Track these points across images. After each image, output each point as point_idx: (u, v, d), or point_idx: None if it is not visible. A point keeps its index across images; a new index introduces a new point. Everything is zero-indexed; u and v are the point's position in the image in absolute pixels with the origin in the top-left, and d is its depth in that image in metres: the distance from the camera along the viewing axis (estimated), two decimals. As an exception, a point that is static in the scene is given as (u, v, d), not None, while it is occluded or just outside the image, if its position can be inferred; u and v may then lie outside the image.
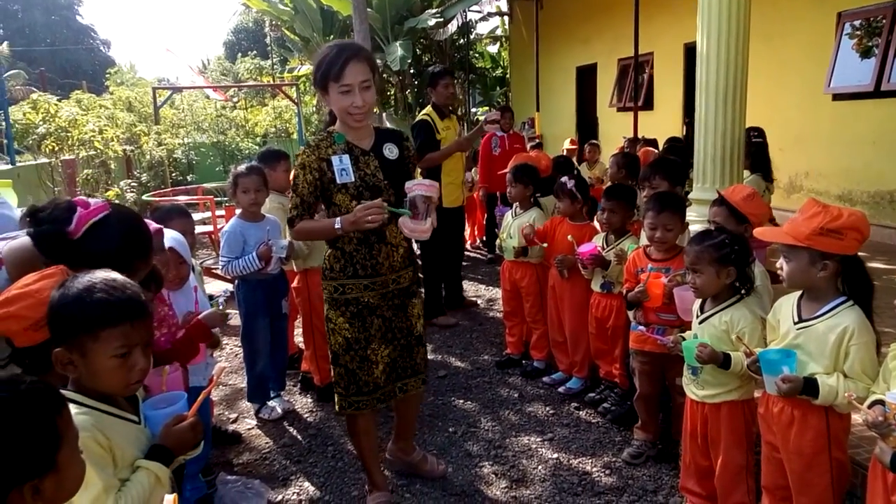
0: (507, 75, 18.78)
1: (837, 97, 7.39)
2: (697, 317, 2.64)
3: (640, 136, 8.32)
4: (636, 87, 10.31)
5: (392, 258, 2.75)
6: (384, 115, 14.47)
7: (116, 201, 9.58)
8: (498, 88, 19.35)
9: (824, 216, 2.13)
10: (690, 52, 9.82)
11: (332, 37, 15.98)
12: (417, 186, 2.63)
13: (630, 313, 3.29)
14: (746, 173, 4.86)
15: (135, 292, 1.60)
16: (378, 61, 14.94)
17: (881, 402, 1.90)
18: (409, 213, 2.60)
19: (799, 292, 2.30)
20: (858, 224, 2.14)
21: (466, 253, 8.39)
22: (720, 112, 4.37)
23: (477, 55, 20.10)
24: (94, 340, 1.52)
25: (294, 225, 2.73)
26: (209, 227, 8.12)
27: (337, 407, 2.86)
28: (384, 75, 15.97)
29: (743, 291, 2.54)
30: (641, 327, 3.06)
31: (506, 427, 3.75)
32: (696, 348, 2.44)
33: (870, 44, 7.02)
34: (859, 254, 2.24)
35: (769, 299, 2.67)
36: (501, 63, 20.15)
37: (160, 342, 2.33)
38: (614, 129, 11.59)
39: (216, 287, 5.63)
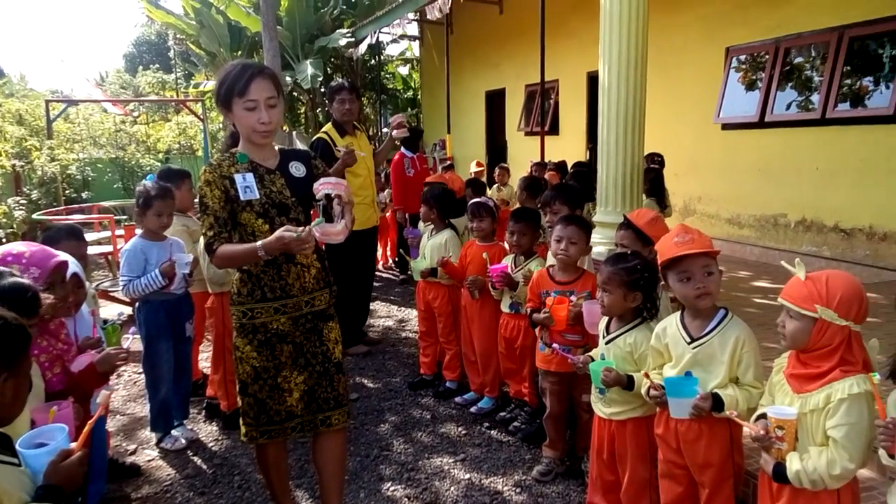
0: (418, 97, 18.97)
1: (726, 126, 7.90)
2: (604, 336, 2.74)
3: (546, 160, 8.58)
4: (543, 113, 10.65)
5: (303, 279, 2.63)
6: (294, 133, 14.29)
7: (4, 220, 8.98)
8: (409, 109, 19.50)
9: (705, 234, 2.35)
10: (593, 80, 10.27)
11: (239, 53, 15.69)
12: (324, 185, 2.53)
13: (536, 332, 3.37)
14: (643, 198, 5.11)
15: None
16: (288, 79, 14.80)
17: (765, 416, 2.03)
18: (323, 220, 2.50)
19: (676, 315, 2.43)
20: None
21: (379, 274, 8.37)
22: (621, 139, 4.57)
23: (388, 76, 20.20)
24: None
25: (213, 249, 2.52)
26: (106, 248, 7.71)
27: (244, 437, 2.71)
28: (294, 93, 15.80)
29: (645, 314, 2.66)
30: (552, 347, 3.14)
31: (419, 449, 3.74)
32: (602, 372, 2.53)
33: (754, 77, 7.57)
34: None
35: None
36: (412, 84, 20.34)
37: (52, 383, 2.20)
38: (523, 153, 11.91)
39: (111, 311, 5.36)
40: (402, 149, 7.55)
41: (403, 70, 21.10)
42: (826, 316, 1.90)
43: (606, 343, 2.70)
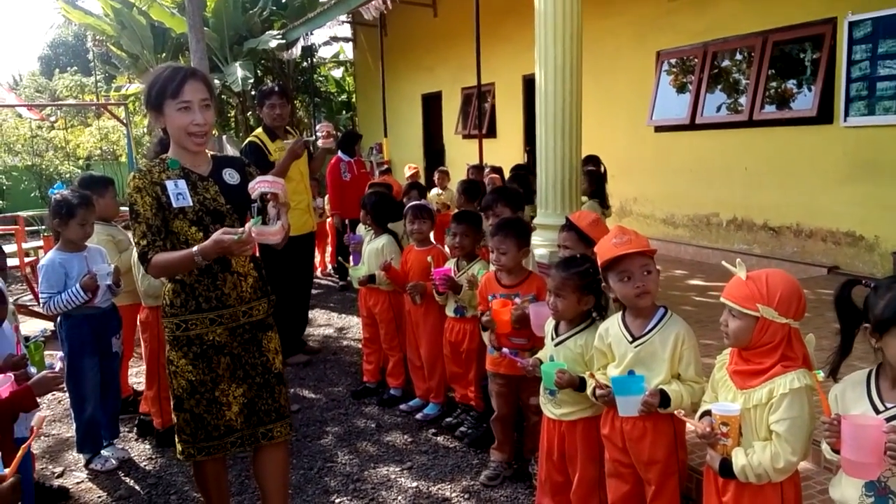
0: (353, 100, 18.80)
1: (659, 129, 8.10)
2: (553, 339, 2.72)
3: (485, 163, 8.61)
4: (480, 116, 10.69)
5: (240, 288, 2.53)
6: (224, 137, 13.90)
7: None
8: (344, 113, 19.30)
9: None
10: (529, 83, 10.37)
11: (164, 55, 15.19)
12: (260, 183, 2.41)
13: (485, 336, 3.34)
14: (584, 199, 5.17)
15: None
16: (217, 82, 14.38)
17: (709, 413, 2.05)
18: (260, 219, 2.39)
19: (618, 315, 2.45)
20: None
21: (318, 281, 8.21)
22: (559, 141, 4.61)
23: (322, 79, 19.94)
24: None
25: (148, 259, 2.39)
26: (26, 259, 7.29)
27: (181, 455, 2.59)
28: (223, 97, 15.39)
29: (595, 315, 2.67)
30: (501, 351, 3.12)
31: (364, 459, 3.65)
32: (556, 374, 2.52)
33: (684, 81, 7.79)
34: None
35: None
36: (347, 87, 20.14)
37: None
38: (461, 156, 11.92)
39: (32, 326, 5.05)
40: (339, 153, 7.45)
41: (337, 73, 20.88)
42: (767, 315, 1.93)
43: (556, 345, 2.69)
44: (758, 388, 1.95)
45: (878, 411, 1.73)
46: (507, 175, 6.52)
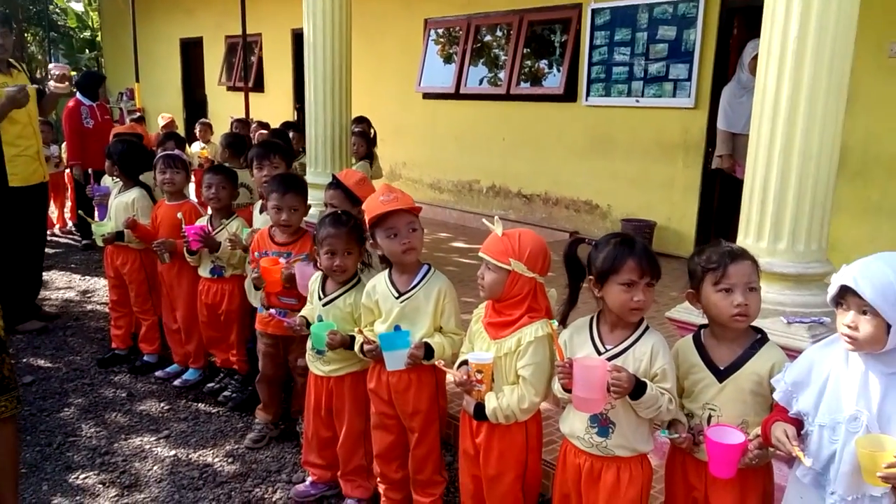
0: (99, 38, 16.73)
1: (427, 96, 8.36)
2: (320, 298, 2.71)
3: (251, 118, 8.22)
4: (246, 68, 10.15)
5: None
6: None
7: None
8: (87, 52, 17.13)
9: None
10: (298, 37, 10.02)
11: None
12: None
13: (252, 296, 3.23)
14: (354, 161, 5.19)
15: None
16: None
17: (466, 363, 2.20)
18: None
19: (385, 272, 2.52)
20: None
21: (55, 238, 7.30)
22: (328, 100, 4.56)
23: (60, 11, 17.45)
24: None
25: None
26: None
27: None
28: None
29: (360, 274, 2.70)
30: (269, 311, 3.03)
31: (113, 431, 3.36)
32: (327, 335, 2.51)
33: (450, 51, 8.10)
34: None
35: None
36: (91, 24, 17.87)
37: None
38: (225, 109, 11.23)
39: None
40: (79, 95, 6.60)
41: (78, 6, 18.41)
42: (517, 268, 2.11)
43: (324, 305, 2.68)
44: (508, 337, 2.14)
45: (599, 353, 1.99)
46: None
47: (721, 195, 5.88)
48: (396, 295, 2.45)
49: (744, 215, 2.70)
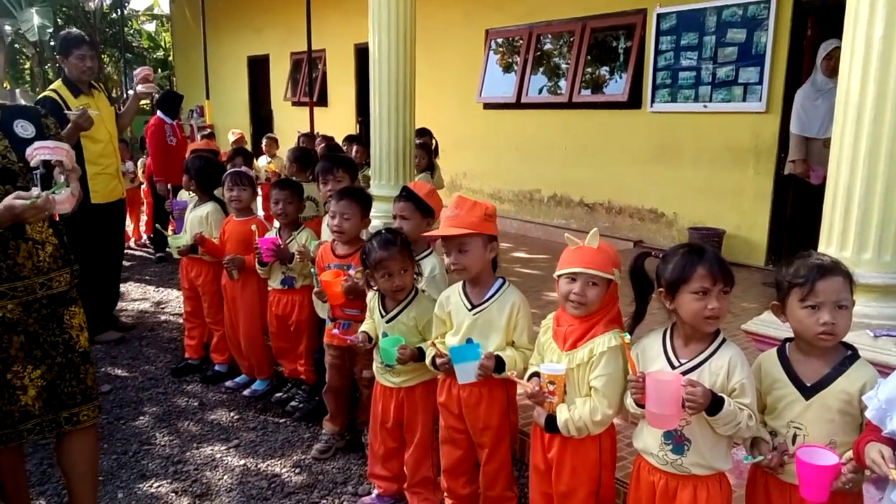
0: (170, 58, 17.44)
1: (488, 106, 8.36)
2: (382, 315, 2.71)
3: (316, 132, 8.38)
4: (311, 83, 10.37)
5: (36, 257, 2.24)
6: (18, 91, 12.35)
7: None
8: (160, 71, 17.88)
9: (479, 206, 2.41)
10: (360, 52, 10.23)
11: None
12: (40, 150, 2.17)
13: (319, 307, 3.27)
14: (416, 173, 5.21)
15: None
16: (8, 28, 12.72)
17: (537, 374, 2.16)
18: (54, 190, 2.12)
19: (459, 284, 2.51)
20: (493, 209, 2.48)
21: (130, 251, 7.60)
22: (393, 112, 4.59)
23: (134, 33, 18.29)
24: None
25: None
26: None
27: (-33, 446, 2.28)
28: (17, 45, 13.62)
29: (417, 286, 2.71)
30: (333, 321, 3.06)
31: (185, 439, 3.45)
32: (398, 350, 2.51)
33: (510, 61, 8.08)
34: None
35: (445, 285, 2.86)
36: (163, 44, 18.65)
37: None
38: (289, 124, 11.51)
39: None
40: (160, 114, 6.90)
41: (150, 27, 19.25)
42: (616, 277, 2.08)
43: (388, 322, 2.68)
44: (580, 348, 2.09)
45: (673, 367, 1.92)
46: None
47: (794, 202, 5.64)
48: (469, 307, 2.43)
49: (826, 224, 2.57)
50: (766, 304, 2.04)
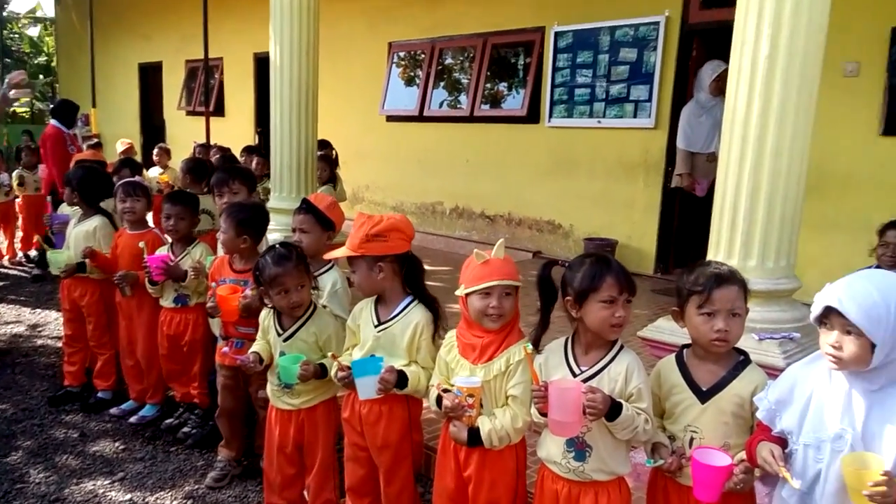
0: (54, 63, 16.38)
1: (391, 119, 8.32)
2: (279, 334, 2.59)
3: (212, 142, 8.07)
4: (207, 92, 10.00)
5: None
6: None
7: None
8: (42, 77, 16.77)
9: (367, 224, 2.32)
10: (260, 62, 9.95)
11: None
12: None
13: (213, 325, 3.10)
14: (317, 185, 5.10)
15: None
16: None
17: (447, 391, 2.11)
18: None
19: (373, 298, 2.44)
20: (398, 225, 2.38)
21: (5, 270, 7.04)
22: (294, 124, 4.48)
23: (14, 35, 17.09)
24: None
25: None
26: None
27: None
28: None
29: (317, 301, 2.61)
30: (226, 340, 2.91)
31: (64, 475, 3.17)
32: (301, 367, 2.39)
33: (412, 74, 8.09)
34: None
35: (348, 300, 2.78)
36: (46, 49, 17.52)
37: None
38: (184, 134, 11.03)
39: None
40: (56, 123, 6.50)
41: (33, 31, 18.05)
42: (518, 285, 2.08)
43: (285, 340, 2.57)
44: (496, 359, 2.08)
45: (574, 374, 1.94)
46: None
47: (681, 213, 5.94)
48: (375, 323, 2.37)
49: (714, 233, 2.68)
50: (657, 311, 2.10)
